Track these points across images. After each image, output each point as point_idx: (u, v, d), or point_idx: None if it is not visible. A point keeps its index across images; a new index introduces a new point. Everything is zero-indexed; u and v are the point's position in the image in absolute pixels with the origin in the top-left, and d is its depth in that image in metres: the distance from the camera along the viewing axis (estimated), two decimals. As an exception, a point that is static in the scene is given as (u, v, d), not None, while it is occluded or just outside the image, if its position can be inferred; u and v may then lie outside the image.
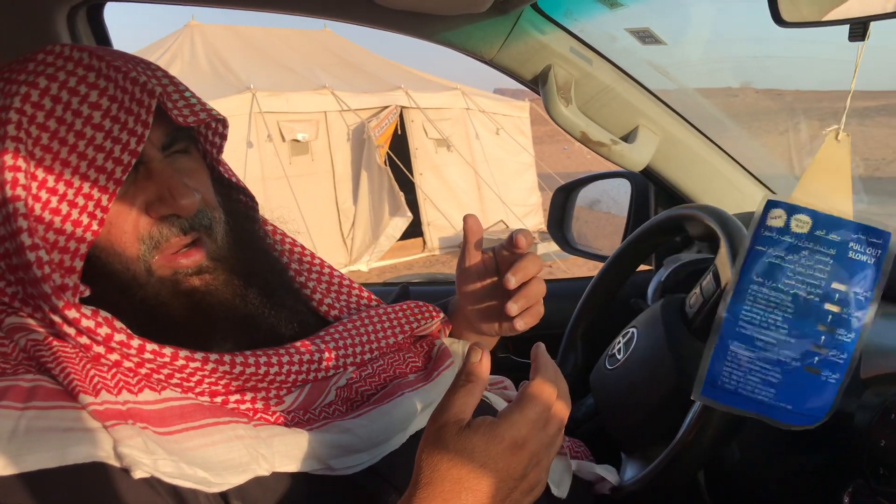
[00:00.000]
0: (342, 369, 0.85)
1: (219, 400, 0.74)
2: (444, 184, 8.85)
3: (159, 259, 0.76)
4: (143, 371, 0.70)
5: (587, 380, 1.21)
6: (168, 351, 0.71)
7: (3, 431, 0.59)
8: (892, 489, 0.83)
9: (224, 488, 0.65)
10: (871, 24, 0.77)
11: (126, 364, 0.70)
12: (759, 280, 0.80)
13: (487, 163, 9.23)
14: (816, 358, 0.77)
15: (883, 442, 0.84)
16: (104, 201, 0.71)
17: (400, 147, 8.37)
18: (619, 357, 1.12)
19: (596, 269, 1.35)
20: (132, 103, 0.72)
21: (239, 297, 0.80)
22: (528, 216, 9.45)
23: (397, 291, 1.19)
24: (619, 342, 1.14)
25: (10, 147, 0.69)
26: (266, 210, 0.98)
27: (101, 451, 0.61)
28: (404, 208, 8.03)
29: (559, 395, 0.68)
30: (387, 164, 8.08)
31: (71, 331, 0.68)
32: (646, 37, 1.40)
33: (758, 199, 1.50)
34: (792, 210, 0.80)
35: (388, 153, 8.15)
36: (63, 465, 0.59)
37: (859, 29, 0.75)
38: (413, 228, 8.49)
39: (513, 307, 0.86)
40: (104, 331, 0.68)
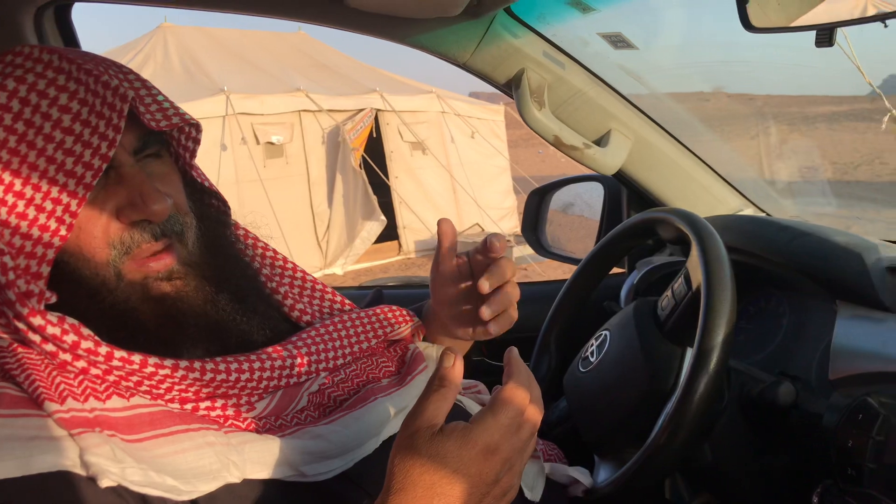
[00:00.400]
0: (315, 375, 0.84)
1: (189, 407, 0.73)
2: (420, 187, 8.85)
3: (129, 264, 0.74)
4: (112, 378, 0.69)
5: (561, 382, 1.22)
6: (137, 358, 0.69)
7: None
8: (859, 489, 0.84)
9: (194, 496, 0.65)
10: (836, 31, 0.79)
11: (93, 371, 0.68)
12: None
13: (463, 166, 9.24)
14: None
15: (850, 442, 0.85)
16: (73, 206, 0.70)
17: (375, 150, 8.36)
18: (592, 360, 1.12)
19: (570, 272, 1.36)
20: (104, 107, 0.71)
21: (210, 304, 0.79)
22: (504, 219, 9.47)
23: (371, 295, 1.19)
24: (592, 345, 1.15)
25: None
26: (240, 214, 0.97)
27: (67, 459, 0.60)
28: (378, 212, 8.01)
29: (532, 399, 0.68)
30: (362, 168, 8.06)
31: (36, 338, 0.67)
32: (618, 41, 1.41)
33: (729, 203, 1.53)
34: None
35: (364, 156, 8.13)
36: (27, 474, 0.58)
37: (826, 35, 0.76)
38: (388, 231, 8.47)
39: (486, 312, 0.86)
40: (70, 338, 0.67)
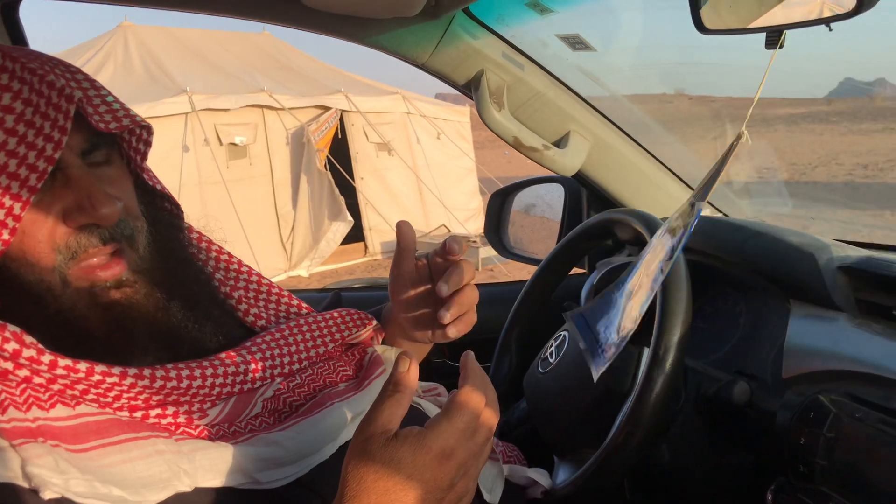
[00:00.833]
0: (270, 380, 0.83)
1: (139, 415, 0.71)
2: (386, 188, 8.83)
3: (76, 270, 0.72)
4: (56, 387, 0.67)
5: (521, 383, 1.22)
6: (83, 366, 0.68)
7: None
8: (812, 486, 0.85)
9: None
10: (786, 34, 0.80)
11: (37, 380, 0.66)
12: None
13: (429, 167, 9.25)
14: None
15: (803, 440, 0.86)
16: (17, 209, 0.68)
17: (340, 151, 8.32)
18: (552, 361, 1.12)
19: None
20: (49, 108, 0.69)
21: (161, 310, 0.78)
22: (470, 220, 9.50)
23: (329, 299, 1.17)
24: (552, 346, 1.15)
25: None
26: (204, 217, 0.96)
27: (9, 471, 0.58)
28: (345, 213, 7.98)
29: (488, 402, 0.68)
30: (327, 169, 8.02)
31: None
32: (576, 43, 1.42)
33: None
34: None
35: (329, 157, 8.09)
36: None
37: (774, 37, 0.77)
38: (355, 233, 8.44)
39: (445, 315, 0.86)
40: (11, 346, 0.65)
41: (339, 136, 8.40)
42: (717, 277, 1.23)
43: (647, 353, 0.99)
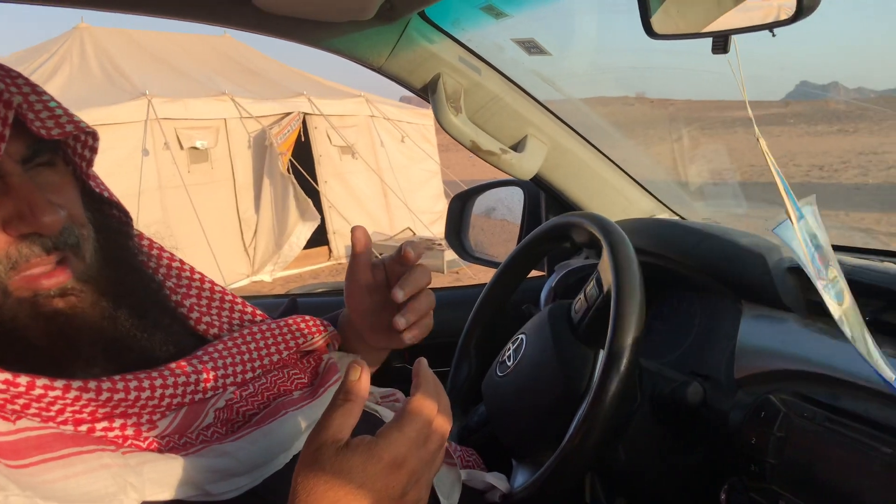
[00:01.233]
0: (222, 390, 0.81)
1: (84, 428, 0.69)
2: (350, 191, 8.79)
3: (18, 280, 0.70)
4: None
5: (480, 387, 1.22)
6: (24, 380, 0.66)
7: None
8: (763, 485, 0.86)
9: None
10: (733, 38, 0.82)
11: None
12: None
13: (393, 170, 9.23)
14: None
15: (754, 440, 0.88)
16: None
17: (303, 154, 8.26)
18: (509, 364, 1.13)
19: (495, 276, 1.36)
20: None
21: (108, 319, 0.76)
22: (435, 223, 9.49)
23: (285, 305, 1.16)
24: (509, 349, 1.16)
25: None
26: (159, 222, 0.94)
27: None
28: (312, 211, 7.93)
29: (440, 409, 0.67)
30: (290, 172, 7.96)
31: None
32: (531, 47, 1.43)
33: (642, 206, 1.56)
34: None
35: (291, 160, 8.02)
36: None
37: (721, 42, 0.79)
38: (319, 237, 8.39)
39: (400, 321, 0.86)
40: None
41: (303, 139, 8.34)
42: (673, 279, 1.25)
43: (602, 354, 0.99)
